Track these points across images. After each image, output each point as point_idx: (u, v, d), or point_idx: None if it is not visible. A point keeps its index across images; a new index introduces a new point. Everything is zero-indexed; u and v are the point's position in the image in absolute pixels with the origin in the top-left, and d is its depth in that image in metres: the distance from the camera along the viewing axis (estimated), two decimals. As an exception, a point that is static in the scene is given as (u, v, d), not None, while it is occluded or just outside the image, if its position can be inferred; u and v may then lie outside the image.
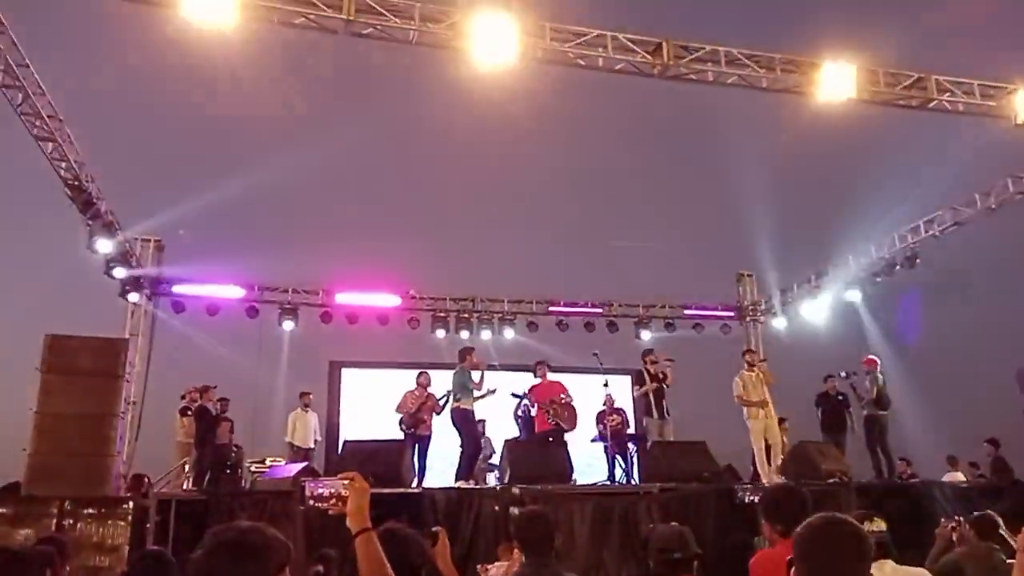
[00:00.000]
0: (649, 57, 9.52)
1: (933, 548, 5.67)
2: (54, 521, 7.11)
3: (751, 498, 8.35)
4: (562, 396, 11.54)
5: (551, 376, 11.90)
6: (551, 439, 11.10)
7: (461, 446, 10.58)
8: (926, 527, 6.23)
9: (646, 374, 11.31)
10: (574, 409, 11.68)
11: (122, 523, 7.27)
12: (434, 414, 11.62)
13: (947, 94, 10.36)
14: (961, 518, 5.74)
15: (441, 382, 11.41)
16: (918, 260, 14.07)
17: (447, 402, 11.11)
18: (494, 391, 11.22)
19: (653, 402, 11.08)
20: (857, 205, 16.57)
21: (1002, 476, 11.51)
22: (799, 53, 10.08)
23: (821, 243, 16.65)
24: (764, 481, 10.45)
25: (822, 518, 2.33)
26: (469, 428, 10.65)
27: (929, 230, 13.70)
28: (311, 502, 2.67)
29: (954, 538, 5.56)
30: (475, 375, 10.76)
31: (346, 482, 2.54)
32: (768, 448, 11.10)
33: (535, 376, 11.89)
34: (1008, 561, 4.64)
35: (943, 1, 17.51)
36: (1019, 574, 4.18)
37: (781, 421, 12.19)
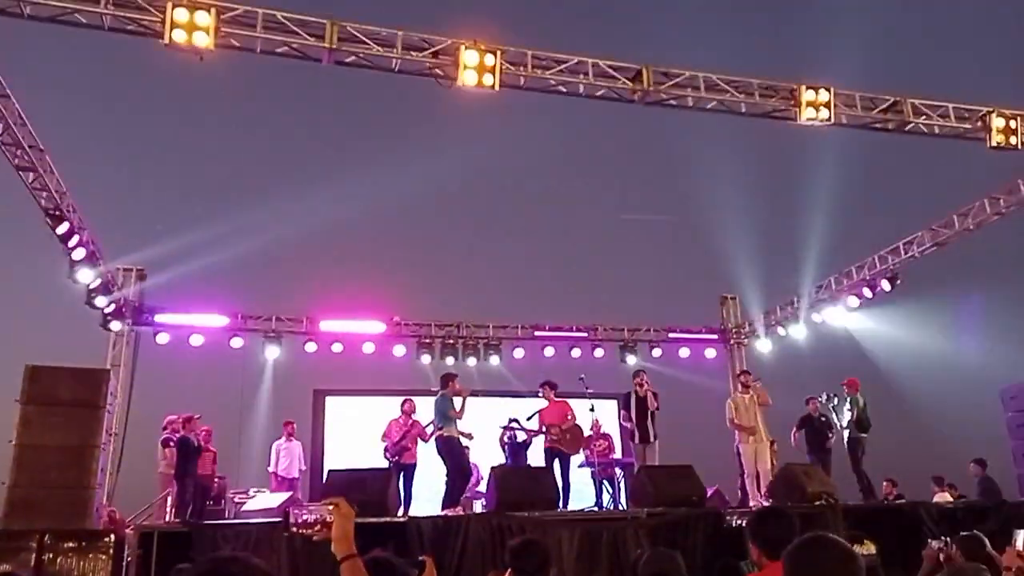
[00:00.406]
0: (629, 83, 9.61)
1: (921, 569, 5.67)
2: (33, 555, 6.98)
3: (739, 522, 8.32)
4: (568, 416, 11.56)
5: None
6: (556, 459, 11.21)
7: (447, 474, 10.51)
8: (913, 548, 6.23)
9: (633, 395, 11.30)
10: (579, 431, 11.67)
11: (103, 557, 7.15)
12: (420, 441, 11.56)
13: (923, 117, 10.51)
14: (948, 538, 5.74)
15: (428, 409, 11.33)
16: (898, 280, 14.23)
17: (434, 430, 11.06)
18: (471, 438, 11.21)
19: (636, 426, 11.09)
20: (839, 226, 16.75)
21: (989, 496, 11.54)
22: (777, 78, 10.22)
23: (804, 265, 16.78)
24: (752, 505, 10.43)
25: (813, 537, 2.32)
26: (454, 456, 10.53)
27: (909, 251, 13.84)
28: (295, 529, 2.65)
29: (941, 559, 5.55)
30: (457, 402, 10.65)
31: (331, 507, 2.51)
32: (757, 474, 11.09)
33: (541, 397, 11.93)
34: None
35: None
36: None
37: (771, 444, 12.22)
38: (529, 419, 12.03)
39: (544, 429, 11.60)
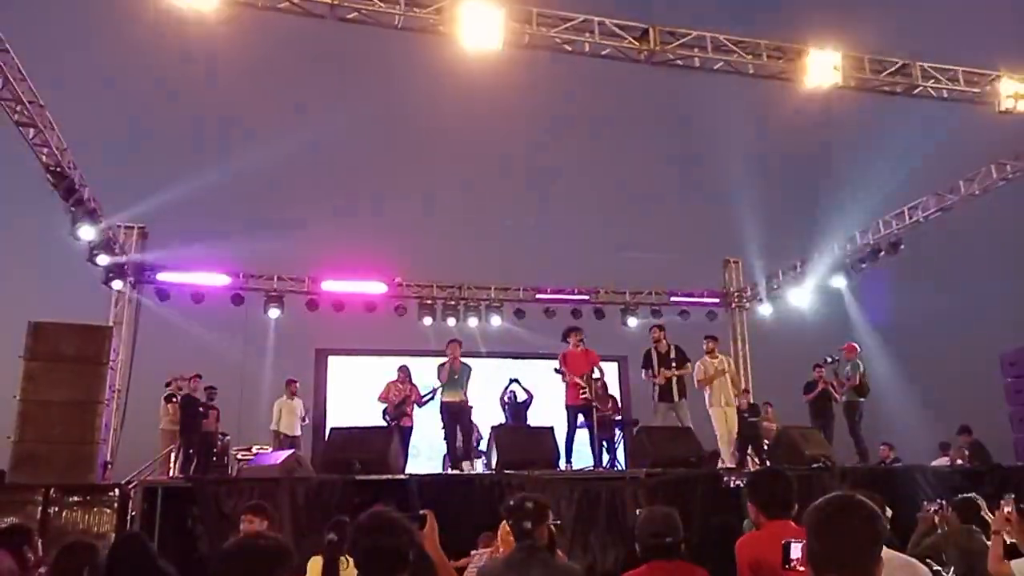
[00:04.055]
0: (636, 43, 9.50)
1: (915, 531, 5.73)
2: (39, 509, 7.08)
3: (737, 482, 8.39)
4: (595, 369, 10.63)
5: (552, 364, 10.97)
6: (580, 414, 10.44)
7: (445, 437, 10.71)
8: (909, 511, 6.28)
9: (654, 352, 10.71)
10: (605, 388, 11.14)
11: (108, 510, 7.25)
12: (416, 406, 11.69)
13: (931, 80, 10.40)
14: (943, 501, 5.78)
15: (426, 370, 11.48)
16: (902, 246, 14.17)
17: (431, 398, 11.18)
18: (433, 394, 11.27)
19: (659, 384, 10.58)
20: (843, 191, 16.64)
21: (981, 461, 11.61)
22: (785, 39, 10.09)
23: (807, 229, 16.70)
24: (726, 463, 10.48)
25: (839, 497, 2.28)
26: (453, 420, 10.77)
27: (913, 216, 13.78)
28: None
29: (936, 521, 5.61)
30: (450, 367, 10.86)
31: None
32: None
33: (567, 343, 10.79)
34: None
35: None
36: (994, 552, 4.25)
37: (768, 405, 12.25)
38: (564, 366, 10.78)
39: (569, 377, 10.45)
